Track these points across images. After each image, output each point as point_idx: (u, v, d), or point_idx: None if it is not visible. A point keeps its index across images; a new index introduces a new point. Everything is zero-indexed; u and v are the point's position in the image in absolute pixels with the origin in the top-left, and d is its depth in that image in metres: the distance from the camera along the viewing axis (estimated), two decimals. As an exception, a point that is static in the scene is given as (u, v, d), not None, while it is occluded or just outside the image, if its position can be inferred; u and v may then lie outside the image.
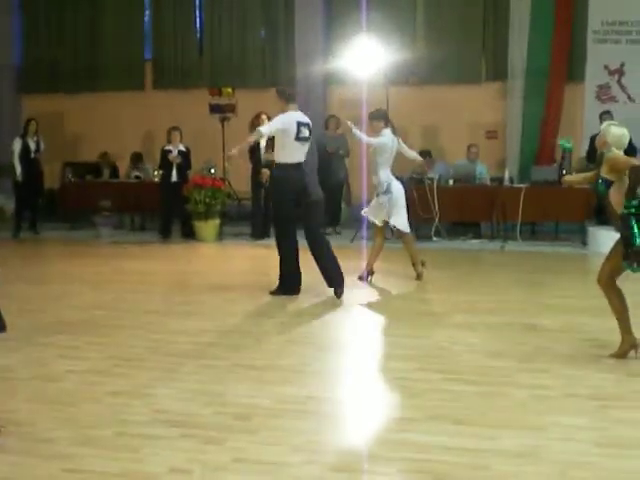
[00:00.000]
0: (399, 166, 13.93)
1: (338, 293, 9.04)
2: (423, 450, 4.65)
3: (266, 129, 9.07)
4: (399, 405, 5.48)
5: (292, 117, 9.05)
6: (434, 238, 13.51)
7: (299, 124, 9.03)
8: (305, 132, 9.06)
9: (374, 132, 10.16)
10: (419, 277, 10.17)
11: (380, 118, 10.17)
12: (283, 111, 9.13)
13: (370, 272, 10.15)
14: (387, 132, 10.03)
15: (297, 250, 9.28)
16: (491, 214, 13.59)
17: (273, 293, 9.19)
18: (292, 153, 9.02)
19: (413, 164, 14.31)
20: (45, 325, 7.93)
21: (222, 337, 7.40)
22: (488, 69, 15.99)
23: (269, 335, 7.52)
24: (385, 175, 10.01)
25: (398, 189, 10.08)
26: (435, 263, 11.32)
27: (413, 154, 10.71)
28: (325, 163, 14.65)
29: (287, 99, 9.23)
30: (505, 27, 15.62)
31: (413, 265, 10.26)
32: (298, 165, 9.07)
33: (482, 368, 6.32)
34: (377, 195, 10.10)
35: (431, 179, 13.58)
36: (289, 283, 9.27)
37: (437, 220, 13.55)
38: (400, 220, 10.08)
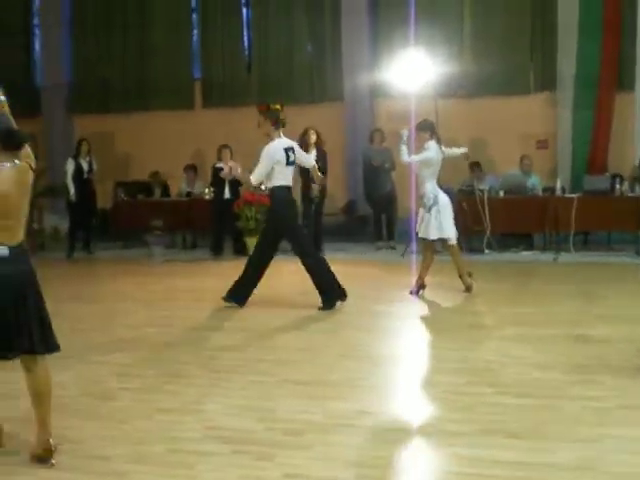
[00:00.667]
0: (447, 177, 13.94)
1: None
2: (475, 465, 4.61)
3: (258, 174, 9.31)
4: (450, 419, 5.43)
5: (279, 146, 9.32)
6: (486, 250, 13.42)
7: (286, 150, 9.35)
8: (292, 156, 9.39)
9: (420, 143, 10.13)
10: (468, 289, 10.10)
11: (426, 129, 10.15)
12: (270, 135, 9.39)
13: (421, 286, 10.11)
14: (432, 144, 9.99)
15: (322, 258, 9.58)
16: (543, 225, 13.47)
17: (323, 308, 9.20)
18: (286, 177, 9.38)
19: (463, 177, 14.32)
20: (98, 343, 8.01)
21: (272, 352, 7.41)
22: (537, 79, 15.87)
23: (319, 350, 7.50)
24: (431, 187, 9.98)
25: (445, 201, 10.04)
26: (487, 275, 11.27)
27: (457, 151, 10.64)
28: (371, 177, 14.65)
29: (277, 124, 9.46)
30: (553, 36, 15.49)
31: (460, 277, 10.20)
32: (290, 188, 9.52)
33: (533, 381, 6.26)
34: (424, 208, 10.06)
35: (481, 191, 13.49)
36: (331, 292, 9.30)
37: (488, 232, 13.45)
38: (447, 232, 10.03)
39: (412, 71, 13.89)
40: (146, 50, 18.09)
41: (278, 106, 15.13)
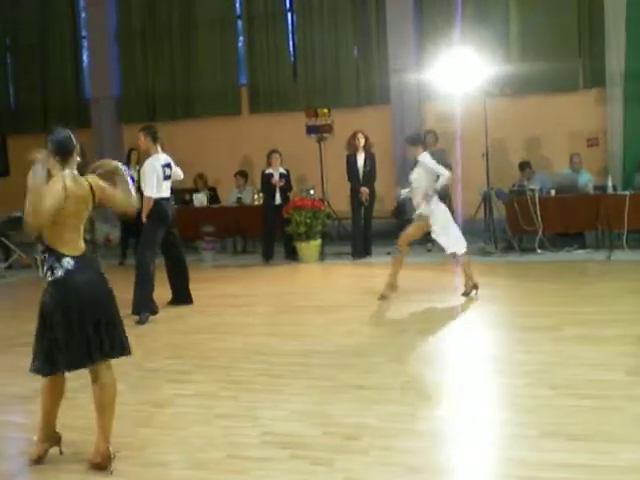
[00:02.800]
0: (498, 178, 13.83)
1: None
2: (539, 468, 4.54)
3: (150, 187, 9.95)
4: (511, 422, 5.36)
5: (158, 161, 10.01)
6: (538, 250, 13.26)
7: (163, 167, 10.04)
8: (168, 172, 10.11)
9: (414, 156, 10.05)
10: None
11: (418, 143, 10.08)
12: (148, 151, 10.14)
13: (474, 286, 9.98)
14: (425, 155, 9.90)
15: (153, 273, 9.90)
16: (595, 223, 13.28)
17: (137, 322, 9.33)
18: (164, 190, 10.07)
19: (514, 177, 14.20)
20: (152, 350, 8.04)
21: (327, 357, 7.37)
22: (585, 76, 15.66)
23: (375, 354, 7.45)
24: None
25: (442, 210, 9.94)
26: (541, 275, 11.16)
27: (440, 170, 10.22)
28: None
29: (154, 139, 10.10)
30: (600, 32, 15.27)
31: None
32: (168, 199, 10.18)
33: (595, 382, 6.16)
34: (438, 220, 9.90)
35: (532, 190, 13.34)
36: (143, 305, 9.58)
37: (540, 232, 13.30)
38: (447, 241, 9.91)
39: (459, 71, 13.81)
40: (192, 58, 18.16)
41: (325, 110, 15.20)
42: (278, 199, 14.34)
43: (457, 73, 13.83)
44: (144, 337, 8.63)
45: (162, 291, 10.08)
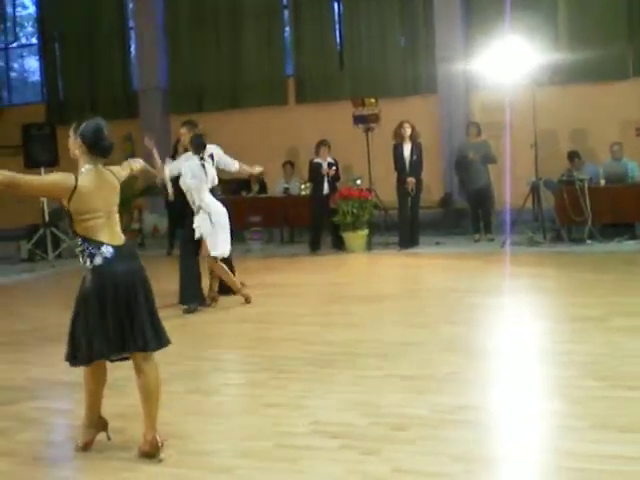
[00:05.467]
0: (546, 168, 13.69)
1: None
2: (588, 460, 4.50)
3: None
4: (560, 413, 5.31)
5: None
6: (588, 241, 13.12)
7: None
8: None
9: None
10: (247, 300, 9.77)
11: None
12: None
13: (214, 298, 9.86)
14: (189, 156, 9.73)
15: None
16: (646, 214, 13.13)
17: None
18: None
19: (562, 167, 14.06)
20: (200, 339, 8.11)
21: (375, 347, 7.37)
22: (635, 63, 15.44)
23: (422, 344, 7.43)
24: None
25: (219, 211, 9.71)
26: (589, 266, 11.06)
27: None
28: (466, 170, 14.47)
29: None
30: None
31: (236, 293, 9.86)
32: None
33: (645, 373, 6.10)
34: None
35: (581, 180, 13.21)
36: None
37: (590, 222, 13.16)
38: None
39: (507, 60, 13.68)
40: (239, 48, 18.20)
41: (372, 99, 15.14)
42: (326, 189, 14.33)
43: (505, 62, 13.71)
44: (191, 326, 8.70)
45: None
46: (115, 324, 4.79)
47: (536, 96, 13.58)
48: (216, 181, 9.90)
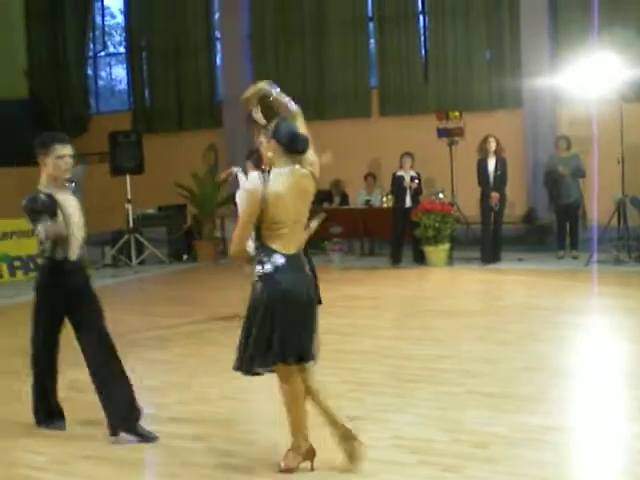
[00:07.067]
0: (634, 184, 13.42)
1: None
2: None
3: None
4: (645, 436, 5.22)
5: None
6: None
7: None
8: None
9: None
10: None
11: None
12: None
13: None
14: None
15: None
16: None
17: None
18: None
19: None
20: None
21: (457, 363, 7.32)
22: None
23: (504, 361, 7.36)
24: None
25: None
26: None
27: None
28: (556, 185, 14.24)
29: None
30: None
31: None
32: None
33: None
34: None
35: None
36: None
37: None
38: None
39: (595, 74, 13.48)
40: (323, 60, 18.27)
41: (457, 113, 15.08)
42: (408, 202, 14.26)
43: (592, 77, 13.51)
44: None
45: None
46: (278, 335, 4.75)
47: (623, 111, 13.35)
48: None
